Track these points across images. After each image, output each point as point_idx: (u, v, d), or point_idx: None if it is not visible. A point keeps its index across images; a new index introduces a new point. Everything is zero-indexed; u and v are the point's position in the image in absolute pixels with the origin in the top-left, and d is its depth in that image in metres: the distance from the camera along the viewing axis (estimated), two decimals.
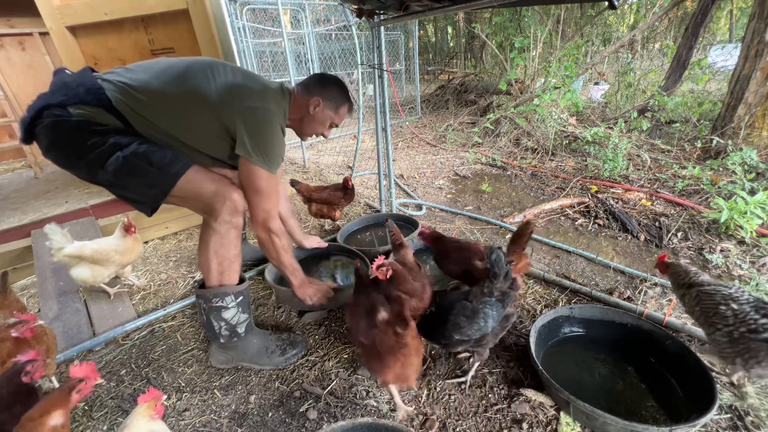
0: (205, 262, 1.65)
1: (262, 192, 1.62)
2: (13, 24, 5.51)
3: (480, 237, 2.88)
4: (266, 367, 1.78)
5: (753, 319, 1.28)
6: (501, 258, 1.52)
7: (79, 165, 1.49)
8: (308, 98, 1.75)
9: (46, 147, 1.47)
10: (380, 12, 2.44)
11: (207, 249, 1.64)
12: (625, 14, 9.14)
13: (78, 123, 1.42)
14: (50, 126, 1.41)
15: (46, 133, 1.43)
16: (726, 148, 3.65)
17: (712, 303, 1.39)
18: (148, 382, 1.76)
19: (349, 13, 6.06)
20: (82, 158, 1.46)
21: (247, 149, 1.54)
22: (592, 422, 1.35)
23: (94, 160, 1.46)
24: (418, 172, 4.66)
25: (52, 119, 1.41)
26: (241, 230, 1.71)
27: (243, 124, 1.54)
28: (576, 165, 4.31)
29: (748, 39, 3.61)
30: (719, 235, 2.62)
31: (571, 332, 1.79)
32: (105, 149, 1.45)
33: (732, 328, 1.31)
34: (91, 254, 2.16)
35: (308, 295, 1.91)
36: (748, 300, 1.34)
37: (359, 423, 1.29)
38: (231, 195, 1.61)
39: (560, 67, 5.35)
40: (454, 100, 8.28)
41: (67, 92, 1.43)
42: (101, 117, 1.45)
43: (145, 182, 1.53)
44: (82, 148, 1.45)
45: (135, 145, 1.49)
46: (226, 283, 1.67)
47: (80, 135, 1.44)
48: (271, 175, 1.61)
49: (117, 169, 1.46)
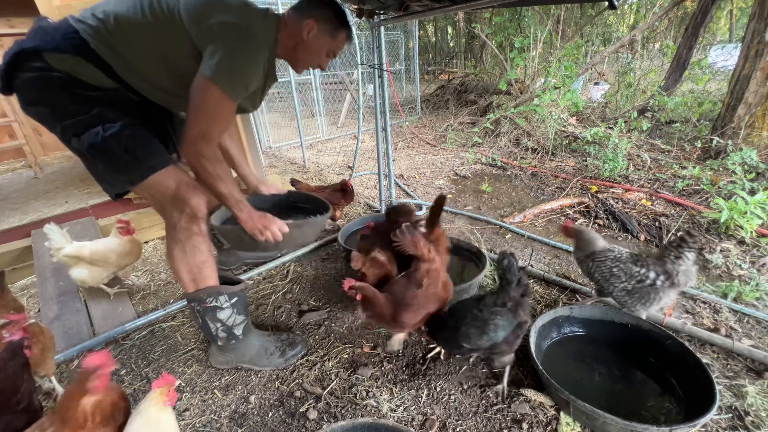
0: (176, 270, 1.60)
1: (207, 111, 1.38)
2: (13, 24, 5.50)
3: (480, 237, 2.89)
4: (266, 368, 1.78)
5: (637, 272, 1.69)
6: (513, 264, 1.48)
7: (55, 126, 1.40)
8: (301, 22, 1.53)
9: (26, 102, 1.38)
10: (380, 12, 2.45)
11: (172, 258, 1.59)
12: (625, 14, 9.14)
13: (61, 80, 1.33)
14: (31, 81, 1.32)
15: (25, 89, 1.35)
16: (726, 148, 3.65)
17: (606, 268, 1.74)
18: (148, 383, 1.76)
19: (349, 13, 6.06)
20: (60, 121, 1.38)
21: (210, 66, 1.32)
22: (592, 422, 1.35)
23: (70, 126, 1.37)
24: (418, 172, 4.66)
25: (34, 74, 1.31)
26: (206, 234, 1.62)
27: (213, 42, 1.34)
28: (576, 165, 4.31)
29: (748, 39, 3.61)
30: (719, 235, 2.62)
31: (571, 332, 1.79)
32: (86, 119, 1.37)
33: (626, 284, 1.71)
34: (90, 255, 2.16)
35: (258, 228, 1.60)
36: (627, 258, 1.74)
37: (359, 423, 1.29)
38: (190, 201, 1.51)
39: (560, 67, 5.36)
40: (454, 100, 8.28)
41: (43, 37, 1.32)
42: (84, 71, 1.35)
43: (116, 167, 1.45)
44: (62, 111, 1.36)
45: (119, 126, 1.39)
46: (202, 287, 1.62)
47: (62, 95, 1.35)
48: (225, 98, 1.37)
49: (92, 144, 1.38)
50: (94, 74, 1.37)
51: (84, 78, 1.36)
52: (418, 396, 1.59)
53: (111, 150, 1.40)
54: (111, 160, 1.43)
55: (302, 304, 2.25)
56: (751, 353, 1.64)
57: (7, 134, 5.56)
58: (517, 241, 2.82)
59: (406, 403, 1.56)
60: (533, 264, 2.48)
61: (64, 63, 1.33)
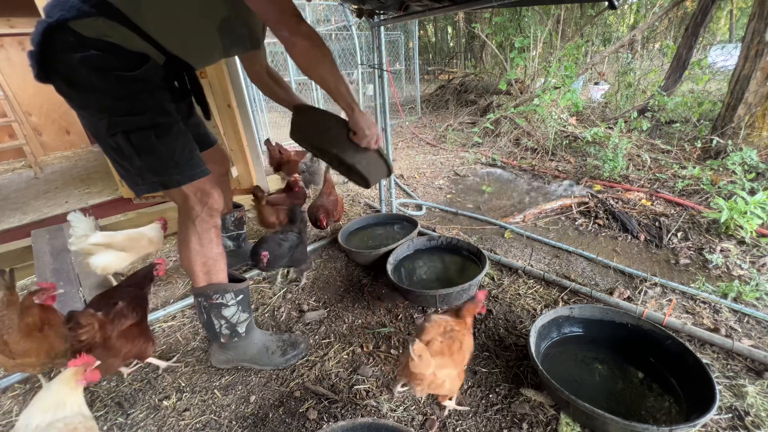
0: (189, 263, 1.61)
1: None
2: (13, 24, 5.51)
3: (480, 237, 2.88)
4: (267, 367, 1.78)
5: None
6: (296, 211, 2.44)
7: (101, 118, 1.33)
8: None
9: (67, 86, 1.31)
10: (380, 12, 2.44)
11: (188, 249, 1.59)
12: (625, 14, 9.14)
13: (99, 59, 1.25)
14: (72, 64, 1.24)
15: (64, 72, 1.27)
16: (726, 148, 3.65)
17: None
18: (148, 383, 1.76)
19: (349, 13, 6.06)
20: (110, 115, 1.32)
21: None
22: (592, 422, 1.35)
23: (122, 123, 1.32)
24: (418, 172, 4.66)
25: (76, 55, 1.22)
26: (220, 229, 1.66)
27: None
28: (576, 165, 4.31)
29: (748, 39, 3.61)
30: (719, 235, 2.62)
31: (571, 332, 1.79)
32: (140, 119, 1.33)
33: None
34: (122, 240, 2.27)
35: (369, 126, 1.52)
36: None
37: (359, 423, 1.29)
38: (212, 194, 1.55)
39: (560, 67, 5.36)
40: (454, 100, 8.28)
41: (63, 6, 1.23)
42: (114, 33, 1.26)
43: (156, 171, 1.44)
44: (112, 105, 1.31)
45: (170, 127, 1.39)
46: (214, 282, 1.64)
47: (108, 80, 1.27)
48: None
49: (141, 146, 1.36)
50: (124, 35, 1.29)
51: (118, 41, 1.28)
52: (418, 396, 1.59)
53: (158, 155, 1.40)
54: (155, 163, 1.42)
55: (302, 303, 2.25)
56: (751, 353, 1.64)
57: (7, 134, 5.57)
58: (517, 241, 2.82)
59: (406, 403, 1.56)
60: (533, 264, 2.48)
61: (94, 28, 1.24)
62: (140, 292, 1.73)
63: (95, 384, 1.75)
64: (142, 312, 1.68)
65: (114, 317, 1.53)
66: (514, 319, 1.99)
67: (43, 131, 6.30)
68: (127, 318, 1.57)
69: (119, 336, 1.54)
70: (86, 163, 5.34)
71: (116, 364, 1.57)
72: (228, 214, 2.50)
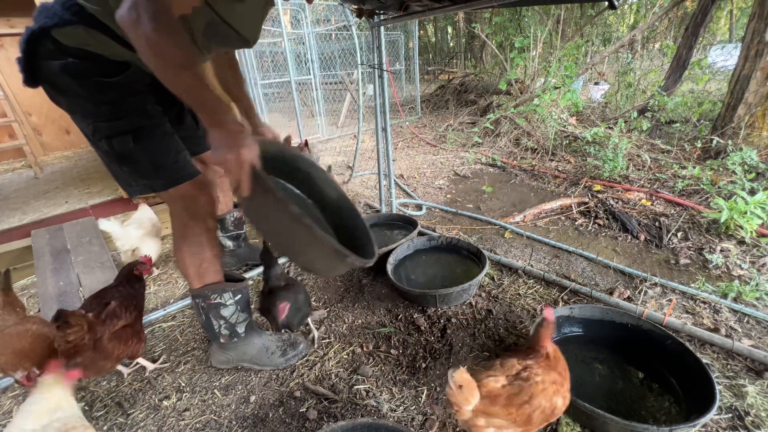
0: (183, 265, 1.61)
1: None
2: (13, 24, 5.51)
3: (480, 237, 2.88)
4: (266, 367, 1.78)
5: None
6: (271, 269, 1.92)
7: (87, 124, 1.36)
8: None
9: (54, 92, 1.34)
10: (380, 12, 2.44)
11: (181, 252, 1.59)
12: (625, 14, 9.13)
13: (80, 66, 1.26)
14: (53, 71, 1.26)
15: (49, 79, 1.29)
16: (726, 148, 3.65)
17: None
18: (148, 383, 1.76)
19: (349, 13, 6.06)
20: (93, 120, 1.34)
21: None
22: (592, 422, 1.35)
23: (104, 129, 1.34)
24: (418, 172, 4.66)
25: (57, 62, 1.24)
26: (214, 231, 1.66)
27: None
28: (576, 165, 4.31)
29: (748, 39, 3.61)
30: (719, 235, 2.62)
31: (571, 332, 1.79)
32: (120, 124, 1.34)
33: None
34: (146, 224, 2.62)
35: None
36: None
37: (359, 423, 1.29)
38: (198, 197, 1.55)
39: (560, 67, 5.35)
40: (454, 100, 8.28)
41: (47, 13, 1.24)
42: (94, 42, 1.25)
43: (141, 174, 1.46)
44: (93, 109, 1.33)
45: (152, 130, 1.38)
46: (209, 283, 1.63)
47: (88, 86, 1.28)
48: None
49: (122, 152, 1.37)
50: (104, 43, 1.26)
51: (97, 50, 1.27)
52: (418, 396, 1.59)
53: (139, 160, 1.41)
54: (137, 168, 1.43)
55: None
56: (751, 353, 1.64)
57: (7, 134, 5.57)
58: (517, 241, 2.82)
59: (406, 403, 1.56)
60: (533, 264, 2.48)
61: (73, 37, 1.24)
62: (134, 292, 1.73)
63: (89, 380, 1.76)
64: (137, 312, 1.67)
65: (106, 318, 1.52)
66: (514, 319, 1.99)
67: (43, 131, 6.30)
68: (119, 318, 1.56)
69: (111, 337, 1.53)
70: (86, 163, 5.34)
71: (108, 366, 1.56)
72: (228, 214, 2.50)
